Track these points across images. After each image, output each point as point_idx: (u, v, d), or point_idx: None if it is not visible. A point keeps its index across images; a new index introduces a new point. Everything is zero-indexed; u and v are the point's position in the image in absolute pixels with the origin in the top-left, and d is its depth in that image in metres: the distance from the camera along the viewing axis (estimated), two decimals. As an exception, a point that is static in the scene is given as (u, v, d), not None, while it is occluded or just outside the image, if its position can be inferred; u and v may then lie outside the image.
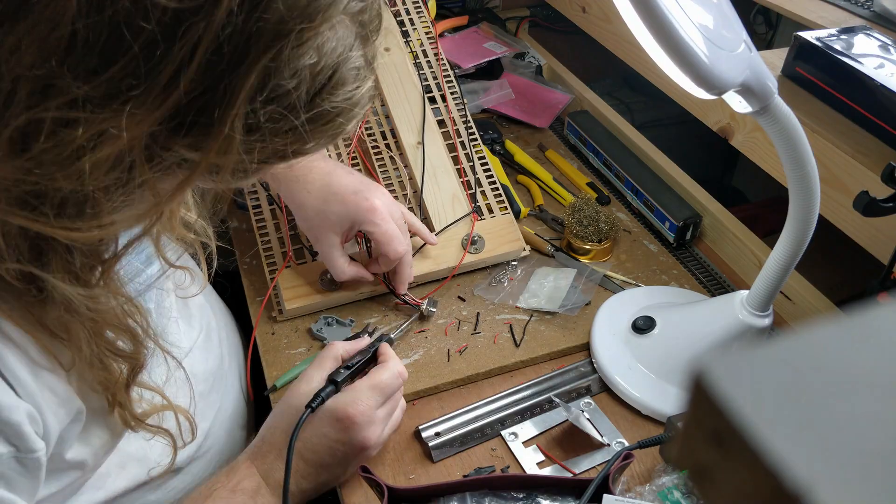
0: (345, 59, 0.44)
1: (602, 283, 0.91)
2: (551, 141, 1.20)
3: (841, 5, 0.99)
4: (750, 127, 0.86)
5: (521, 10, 1.50)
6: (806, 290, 0.86)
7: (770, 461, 0.16)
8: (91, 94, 0.37)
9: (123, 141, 0.38)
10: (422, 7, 1.09)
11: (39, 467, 0.49)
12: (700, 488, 0.19)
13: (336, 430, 0.65)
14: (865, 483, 0.16)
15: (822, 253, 0.80)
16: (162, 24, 0.36)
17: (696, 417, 0.19)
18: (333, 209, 0.79)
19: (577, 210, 0.95)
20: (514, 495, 0.65)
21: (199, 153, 0.41)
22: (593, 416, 0.75)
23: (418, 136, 0.98)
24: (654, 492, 0.65)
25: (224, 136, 0.40)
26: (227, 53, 0.38)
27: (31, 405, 0.47)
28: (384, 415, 0.68)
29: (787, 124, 0.59)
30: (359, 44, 0.45)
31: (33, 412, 0.48)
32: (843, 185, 0.73)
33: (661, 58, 0.53)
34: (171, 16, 0.36)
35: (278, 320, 0.85)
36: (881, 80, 0.73)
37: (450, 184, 0.95)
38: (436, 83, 1.03)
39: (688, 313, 0.81)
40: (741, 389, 0.18)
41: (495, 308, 0.87)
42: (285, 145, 0.44)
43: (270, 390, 0.77)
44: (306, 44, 0.40)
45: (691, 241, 0.99)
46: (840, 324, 0.19)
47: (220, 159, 0.41)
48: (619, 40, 1.14)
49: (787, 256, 0.67)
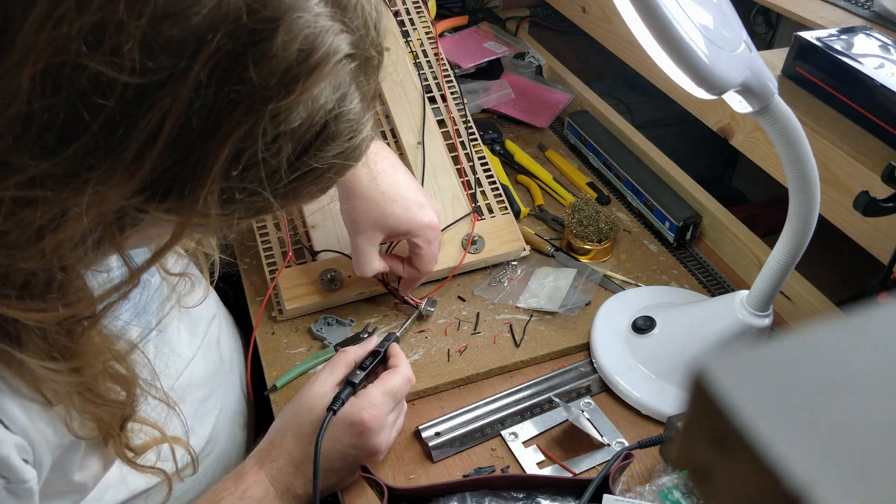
0: (337, 112, 0.40)
1: (602, 283, 0.91)
2: (551, 141, 1.20)
3: (841, 5, 0.99)
4: (750, 127, 0.86)
5: (521, 10, 1.50)
6: (806, 290, 0.86)
7: (770, 461, 0.16)
8: (50, 173, 0.35)
9: (85, 222, 0.36)
10: (422, 7, 1.09)
11: (31, 496, 0.48)
12: (700, 488, 0.19)
13: (349, 436, 0.64)
14: (865, 483, 0.16)
15: (822, 253, 0.80)
16: (123, 101, 0.34)
17: (696, 417, 0.19)
18: (396, 211, 0.76)
19: (577, 210, 0.95)
20: (514, 495, 0.65)
21: (178, 217, 0.39)
22: (593, 416, 0.75)
23: (418, 136, 0.98)
24: (654, 492, 0.65)
25: (199, 208, 0.37)
26: (197, 128, 0.35)
27: (21, 437, 0.46)
28: (393, 419, 0.68)
29: (787, 124, 0.59)
30: (354, 90, 0.40)
31: (23, 444, 0.47)
32: (843, 185, 0.73)
33: (661, 58, 0.53)
34: (133, 92, 0.34)
35: (278, 320, 0.85)
36: (881, 80, 0.73)
37: (450, 184, 0.95)
38: (436, 83, 1.03)
39: (688, 313, 0.81)
40: (741, 389, 0.18)
41: (495, 308, 0.87)
42: (269, 206, 0.41)
43: (270, 390, 0.77)
44: (284, 114, 0.37)
45: (691, 241, 0.99)
46: (840, 324, 0.19)
47: (198, 221, 0.39)
48: (619, 40, 1.14)
49: (787, 256, 0.67)
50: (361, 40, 0.40)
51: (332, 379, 0.68)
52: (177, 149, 0.36)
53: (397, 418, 0.70)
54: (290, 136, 0.38)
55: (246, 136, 0.36)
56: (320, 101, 0.38)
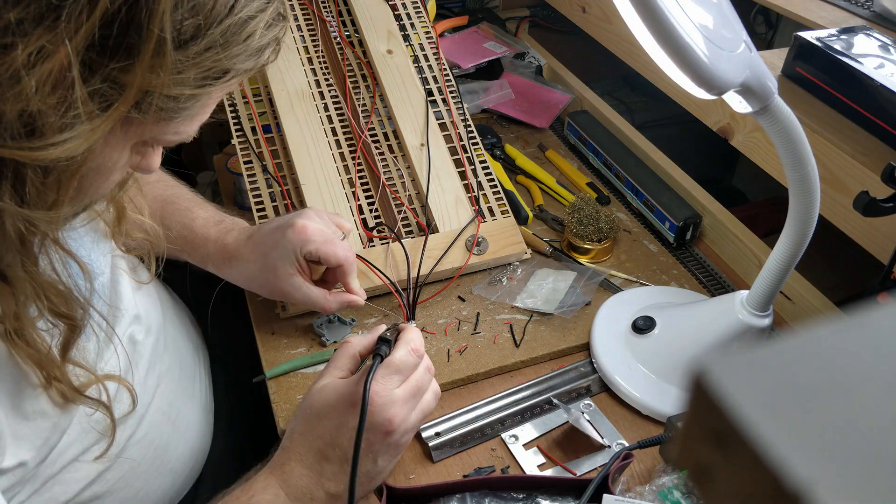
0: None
1: (602, 284, 0.91)
2: (551, 141, 1.20)
3: (841, 5, 0.99)
4: (750, 127, 0.86)
5: (521, 10, 1.50)
6: (806, 290, 0.86)
7: (770, 461, 0.16)
8: (22, 17, 0.40)
9: (61, 55, 0.41)
10: (421, 8, 1.09)
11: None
12: (700, 488, 0.19)
13: (353, 416, 0.60)
14: (865, 483, 0.16)
15: (822, 253, 0.80)
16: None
17: (696, 417, 0.19)
18: (272, 255, 0.76)
19: (577, 210, 0.95)
20: (514, 495, 0.65)
21: (131, 75, 0.43)
22: (593, 418, 0.75)
23: (421, 137, 0.98)
24: (654, 492, 0.65)
25: (152, 49, 0.42)
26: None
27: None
28: (406, 395, 0.63)
29: (787, 124, 0.59)
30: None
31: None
32: (843, 185, 0.73)
33: (661, 58, 0.53)
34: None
35: (281, 317, 0.85)
36: (881, 80, 0.73)
37: (453, 186, 0.96)
38: (437, 87, 1.03)
39: (688, 313, 0.81)
40: (741, 389, 0.18)
41: (495, 308, 0.87)
42: (216, 61, 0.46)
43: (258, 379, 0.78)
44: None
45: (691, 241, 0.99)
46: (840, 324, 0.19)
47: (152, 80, 0.44)
48: (619, 40, 1.14)
49: (787, 256, 0.67)
50: None
51: (337, 373, 0.65)
52: None
53: (415, 395, 0.64)
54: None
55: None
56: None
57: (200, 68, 0.46)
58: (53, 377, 0.54)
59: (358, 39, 1.05)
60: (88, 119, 0.44)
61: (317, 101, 0.98)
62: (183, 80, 0.46)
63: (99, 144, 0.46)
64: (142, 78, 0.43)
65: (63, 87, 0.42)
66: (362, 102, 1.01)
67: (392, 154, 0.98)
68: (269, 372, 0.78)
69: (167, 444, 0.72)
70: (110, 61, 0.43)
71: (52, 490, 0.59)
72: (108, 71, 0.43)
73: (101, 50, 0.42)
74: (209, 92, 0.49)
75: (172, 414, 0.74)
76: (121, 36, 0.42)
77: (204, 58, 0.46)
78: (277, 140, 0.96)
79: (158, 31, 0.42)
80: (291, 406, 0.76)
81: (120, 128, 0.47)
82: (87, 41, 0.41)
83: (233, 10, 0.46)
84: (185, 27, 0.44)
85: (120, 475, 0.66)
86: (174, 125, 0.50)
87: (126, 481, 0.66)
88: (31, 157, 0.43)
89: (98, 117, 0.44)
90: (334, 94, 1.00)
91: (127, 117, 0.46)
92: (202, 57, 0.46)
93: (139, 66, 0.43)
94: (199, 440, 0.79)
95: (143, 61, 0.43)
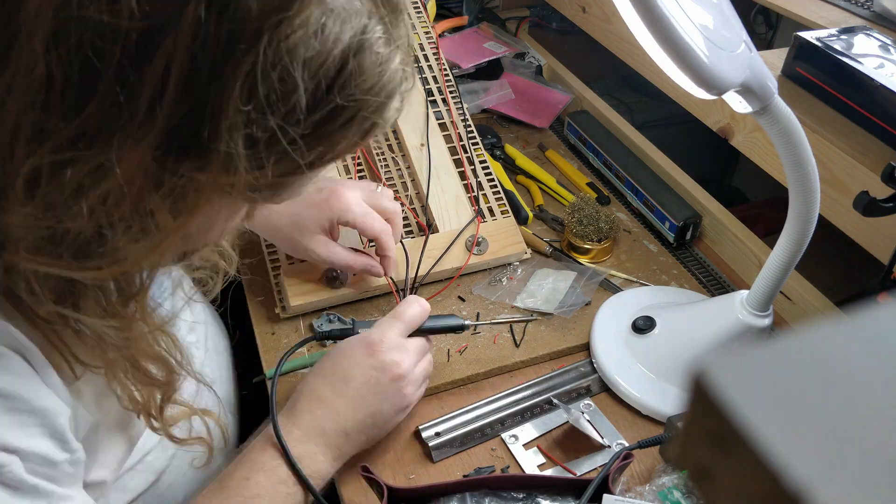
0: (357, 47, 0.38)
1: (602, 284, 0.91)
2: (551, 141, 1.20)
3: (841, 5, 0.99)
4: (750, 127, 0.86)
5: (521, 10, 1.50)
6: (806, 290, 0.86)
7: (770, 461, 0.16)
8: (79, 133, 0.37)
9: (118, 175, 0.37)
10: (421, 9, 1.09)
11: (81, 464, 0.51)
12: (700, 488, 0.19)
13: (366, 355, 0.66)
14: (865, 483, 0.16)
15: (822, 253, 0.80)
16: (129, 49, 0.35)
17: (696, 417, 0.19)
18: (306, 215, 0.78)
19: (577, 209, 0.95)
20: (514, 495, 0.65)
21: (205, 174, 0.39)
22: (593, 418, 0.75)
23: (422, 137, 0.98)
24: (654, 492, 0.65)
25: (222, 154, 0.37)
26: (204, 66, 0.36)
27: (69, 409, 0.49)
28: (414, 348, 0.69)
29: (787, 124, 0.59)
30: (375, 24, 0.39)
31: (70, 415, 0.49)
32: (843, 185, 0.73)
33: (661, 58, 0.53)
34: (136, 38, 0.35)
35: (281, 317, 0.85)
36: (881, 80, 0.73)
37: (453, 185, 0.95)
38: (437, 87, 1.03)
39: (688, 313, 0.81)
40: (741, 389, 0.18)
41: (495, 308, 0.87)
42: (299, 155, 0.40)
43: (259, 379, 0.78)
44: (291, 37, 0.36)
45: (691, 241, 0.99)
46: (840, 324, 0.19)
47: (228, 178, 0.39)
48: (619, 40, 1.14)
49: (787, 256, 0.67)
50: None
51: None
52: (189, 94, 0.36)
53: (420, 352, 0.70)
54: (305, 67, 0.37)
55: (253, 68, 0.36)
56: (332, 30, 0.37)
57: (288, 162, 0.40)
58: (147, 413, 0.55)
59: (358, 39, 1.05)
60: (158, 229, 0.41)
61: (317, 101, 0.98)
62: (266, 174, 0.40)
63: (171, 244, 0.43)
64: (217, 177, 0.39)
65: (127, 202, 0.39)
66: (362, 102, 1.01)
67: (392, 154, 0.98)
68: (269, 372, 0.78)
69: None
70: (183, 164, 0.39)
71: (108, 496, 0.60)
72: (182, 173, 0.39)
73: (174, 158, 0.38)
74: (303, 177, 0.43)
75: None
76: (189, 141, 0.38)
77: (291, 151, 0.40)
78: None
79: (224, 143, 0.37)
80: (291, 406, 0.76)
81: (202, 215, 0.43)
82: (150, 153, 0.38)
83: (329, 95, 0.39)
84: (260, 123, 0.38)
85: (168, 484, 0.67)
86: (279, 198, 0.45)
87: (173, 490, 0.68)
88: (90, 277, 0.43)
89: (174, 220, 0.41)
90: (334, 94, 1.00)
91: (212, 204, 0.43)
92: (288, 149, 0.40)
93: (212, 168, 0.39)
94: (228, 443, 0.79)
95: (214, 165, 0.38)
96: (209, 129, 0.37)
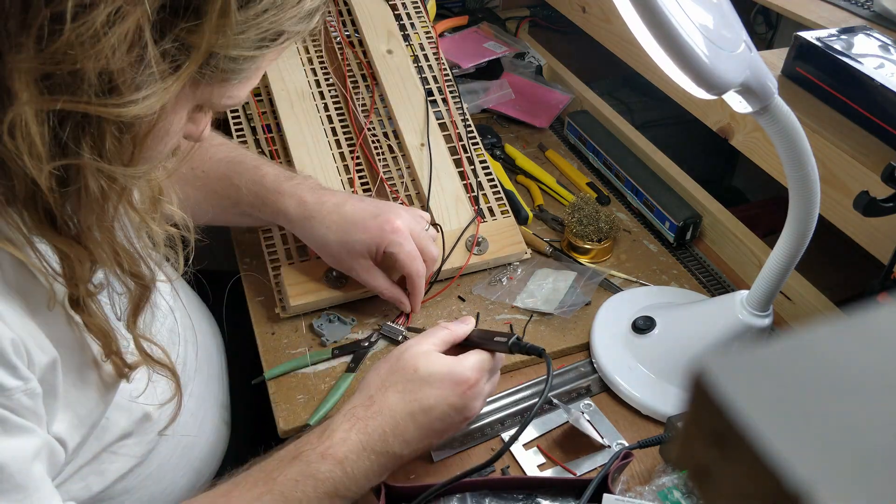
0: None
1: (602, 284, 0.91)
2: (551, 141, 1.20)
3: (841, 5, 0.99)
4: (750, 127, 0.86)
5: (521, 10, 1.50)
6: (806, 290, 0.86)
7: (770, 461, 0.16)
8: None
9: (137, 15, 0.42)
10: (421, 8, 1.09)
11: (38, 397, 0.50)
12: (700, 488, 0.19)
13: (455, 394, 0.63)
14: (865, 483, 0.16)
15: (822, 253, 0.80)
16: None
17: (696, 417, 0.19)
18: (356, 237, 0.79)
19: (577, 209, 0.95)
20: (514, 495, 0.65)
21: (198, 35, 0.45)
22: (593, 418, 0.75)
23: (422, 137, 0.98)
24: (654, 492, 0.65)
25: (218, 10, 0.44)
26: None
27: (14, 335, 0.48)
28: (488, 393, 0.68)
29: (787, 124, 0.59)
30: None
31: (17, 342, 0.48)
32: (843, 185, 0.73)
33: (661, 58, 0.53)
34: None
35: (281, 317, 0.85)
36: (881, 80, 0.73)
37: (452, 185, 0.95)
38: (437, 87, 1.03)
39: (688, 313, 0.81)
40: (741, 389, 0.18)
41: (495, 308, 0.87)
42: (273, 23, 0.48)
43: (258, 380, 0.78)
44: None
45: (691, 241, 0.99)
46: (840, 324, 0.19)
47: (217, 40, 0.46)
48: (619, 40, 1.14)
49: (787, 256, 0.67)
50: None
51: (435, 347, 0.67)
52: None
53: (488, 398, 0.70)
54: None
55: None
56: None
57: (259, 29, 0.48)
58: (113, 351, 0.55)
59: (358, 39, 1.05)
60: (162, 78, 0.45)
61: (317, 101, 0.98)
62: (244, 41, 0.48)
63: (170, 104, 0.48)
64: (208, 38, 0.46)
65: (138, 46, 0.44)
66: (362, 102, 1.01)
67: (392, 154, 0.98)
68: (269, 373, 0.78)
69: (193, 443, 0.73)
70: (180, 21, 0.45)
71: (87, 479, 0.60)
72: (177, 31, 0.45)
73: (171, 11, 0.44)
74: (264, 54, 0.51)
75: (200, 413, 0.75)
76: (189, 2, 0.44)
77: (262, 19, 0.48)
78: (277, 139, 0.96)
79: None
80: (291, 406, 0.76)
81: (185, 89, 0.49)
82: (160, 2, 0.43)
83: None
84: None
85: (150, 471, 0.67)
86: (230, 88, 0.52)
87: (154, 478, 0.67)
88: (113, 113, 0.45)
89: (170, 77, 0.46)
90: (334, 93, 1.00)
91: (192, 79, 0.48)
92: (261, 18, 0.48)
93: (206, 26, 0.45)
94: (219, 439, 0.79)
95: (209, 21, 0.45)
96: None
